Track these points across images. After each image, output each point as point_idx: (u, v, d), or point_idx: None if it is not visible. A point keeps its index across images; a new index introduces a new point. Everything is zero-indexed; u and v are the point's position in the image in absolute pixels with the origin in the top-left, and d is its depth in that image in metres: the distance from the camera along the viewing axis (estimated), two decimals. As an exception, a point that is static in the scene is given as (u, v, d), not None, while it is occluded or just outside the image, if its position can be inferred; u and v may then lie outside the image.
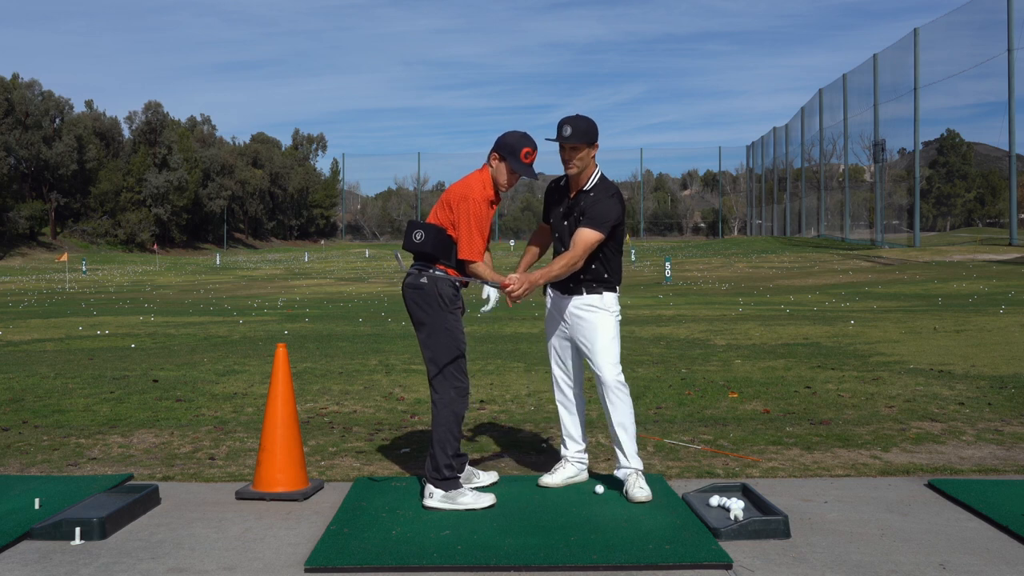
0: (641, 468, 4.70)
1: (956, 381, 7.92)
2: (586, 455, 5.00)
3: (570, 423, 4.92)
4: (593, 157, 4.69)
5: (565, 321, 4.78)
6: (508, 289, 4.45)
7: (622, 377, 4.68)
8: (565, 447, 4.96)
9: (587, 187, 4.68)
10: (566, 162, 4.64)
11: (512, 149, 4.58)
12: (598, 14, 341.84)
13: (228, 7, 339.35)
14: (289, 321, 15.64)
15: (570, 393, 4.91)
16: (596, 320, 4.67)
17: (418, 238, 4.54)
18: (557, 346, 4.88)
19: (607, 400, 4.66)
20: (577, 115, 4.64)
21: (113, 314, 17.72)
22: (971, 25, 41.58)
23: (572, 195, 4.73)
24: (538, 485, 4.85)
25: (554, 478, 4.87)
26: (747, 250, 52.73)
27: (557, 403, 4.96)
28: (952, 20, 41.66)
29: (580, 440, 4.93)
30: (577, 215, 4.66)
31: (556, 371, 4.92)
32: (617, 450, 4.72)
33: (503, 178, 4.62)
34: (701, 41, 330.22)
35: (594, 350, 4.65)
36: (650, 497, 4.54)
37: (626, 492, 4.61)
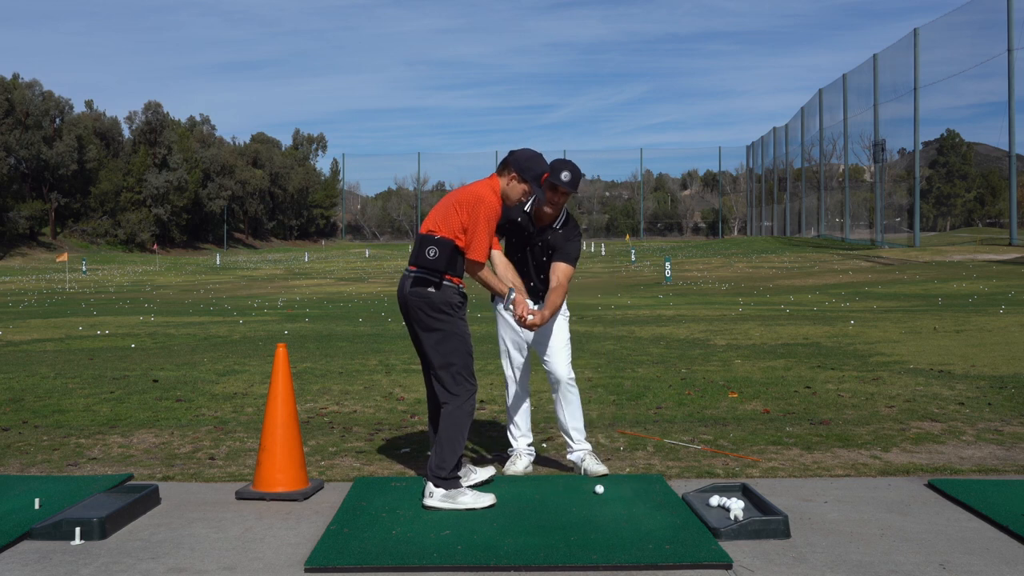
0: (591, 448, 5.18)
1: (956, 381, 7.92)
2: (533, 446, 5.40)
3: (522, 419, 5.26)
4: None
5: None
6: (521, 313, 4.72)
7: (573, 374, 5.13)
8: (515, 440, 5.27)
9: (557, 225, 5.06)
10: (554, 203, 4.95)
11: (535, 175, 4.71)
12: (600, 14, 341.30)
13: (231, 7, 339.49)
14: (289, 321, 15.64)
15: (524, 389, 5.24)
16: (553, 324, 5.07)
17: (432, 255, 4.55)
18: (512, 347, 5.21)
19: (562, 395, 5.10)
20: (572, 162, 4.95)
21: (113, 314, 17.72)
22: (971, 25, 41.64)
23: (537, 226, 5.05)
24: (503, 474, 5.11)
25: (517, 467, 5.18)
26: (747, 250, 52.74)
27: (511, 399, 5.26)
28: (952, 20, 41.71)
29: (529, 433, 5.30)
30: (544, 247, 5.04)
31: (510, 371, 5.23)
32: (568, 438, 5.14)
33: (515, 195, 4.73)
34: (703, 41, 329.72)
35: (552, 351, 5.07)
36: (607, 471, 5.01)
37: (585, 470, 5.04)
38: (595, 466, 5.04)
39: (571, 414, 5.12)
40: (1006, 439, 5.92)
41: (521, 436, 5.27)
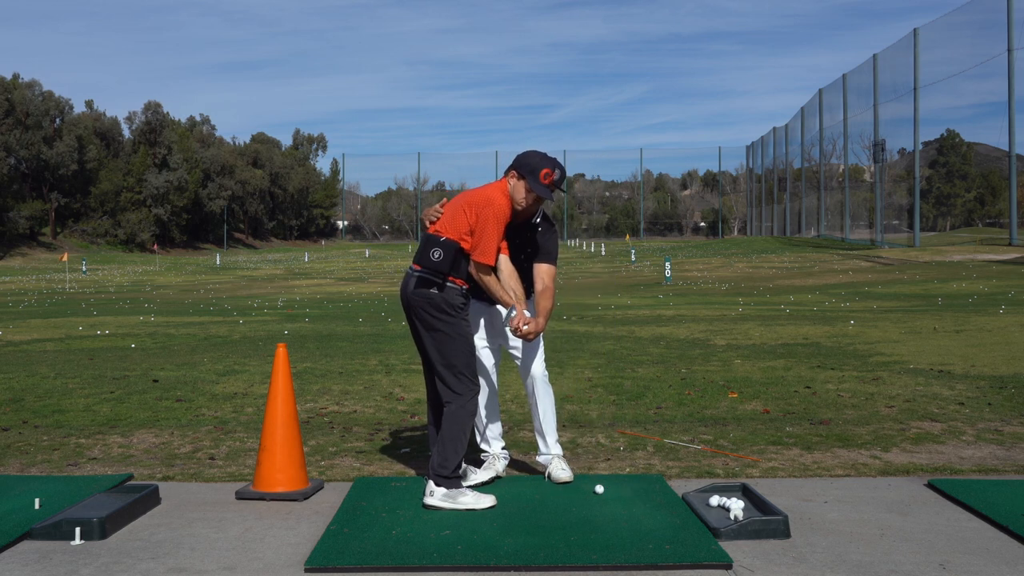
0: (561, 454, 5.04)
1: (956, 381, 7.92)
2: (507, 449, 5.27)
3: (495, 422, 5.12)
4: None
5: (493, 325, 5.02)
6: (517, 325, 4.63)
7: (547, 372, 5.05)
8: (490, 445, 5.10)
9: (536, 220, 4.96)
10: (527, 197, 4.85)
11: (532, 168, 4.66)
12: (602, 14, 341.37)
13: (231, 7, 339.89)
14: (289, 321, 15.64)
15: (495, 391, 5.10)
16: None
17: (436, 256, 4.56)
18: (486, 350, 5.06)
19: (538, 392, 4.98)
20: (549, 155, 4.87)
21: (113, 314, 17.72)
22: (971, 25, 41.64)
23: (519, 220, 4.93)
24: (497, 477, 5.00)
25: (499, 469, 5.05)
26: (747, 250, 52.75)
27: (484, 405, 5.03)
28: (952, 20, 41.72)
29: (501, 436, 5.17)
30: (523, 244, 4.94)
31: (486, 373, 5.03)
32: (540, 438, 5.02)
33: (520, 196, 4.69)
34: (704, 41, 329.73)
35: (527, 348, 4.98)
36: (572, 478, 4.90)
37: (549, 474, 4.95)
38: (559, 472, 4.93)
39: (546, 415, 5.01)
40: (1006, 439, 5.92)
41: (495, 440, 5.12)
